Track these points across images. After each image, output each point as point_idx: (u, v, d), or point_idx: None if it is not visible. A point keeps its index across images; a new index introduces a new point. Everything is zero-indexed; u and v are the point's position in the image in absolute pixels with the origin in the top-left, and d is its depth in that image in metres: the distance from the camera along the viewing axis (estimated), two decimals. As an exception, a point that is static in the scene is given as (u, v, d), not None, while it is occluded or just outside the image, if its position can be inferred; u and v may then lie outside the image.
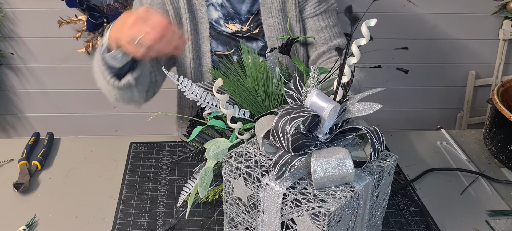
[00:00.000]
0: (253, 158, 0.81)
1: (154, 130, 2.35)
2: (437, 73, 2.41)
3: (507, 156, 1.21)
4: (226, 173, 0.84)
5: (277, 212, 0.76)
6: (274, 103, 0.95)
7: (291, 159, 0.74)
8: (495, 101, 1.24)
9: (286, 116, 0.74)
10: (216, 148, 0.89)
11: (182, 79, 0.89)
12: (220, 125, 0.93)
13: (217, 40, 1.29)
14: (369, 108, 0.79)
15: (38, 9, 2.06)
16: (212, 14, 1.29)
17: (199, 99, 0.90)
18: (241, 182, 0.81)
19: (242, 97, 0.94)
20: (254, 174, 0.78)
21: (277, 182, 0.75)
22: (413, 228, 1.02)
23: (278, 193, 0.75)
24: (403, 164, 1.22)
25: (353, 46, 0.78)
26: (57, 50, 2.16)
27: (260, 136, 0.78)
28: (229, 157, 0.82)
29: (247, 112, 0.93)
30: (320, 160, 0.73)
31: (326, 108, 0.75)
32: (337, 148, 0.75)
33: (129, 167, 1.18)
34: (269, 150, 0.81)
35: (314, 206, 0.71)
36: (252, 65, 0.94)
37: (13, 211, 1.03)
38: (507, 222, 1.05)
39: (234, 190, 0.83)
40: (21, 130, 2.36)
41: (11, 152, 1.20)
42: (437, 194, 1.13)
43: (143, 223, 1.00)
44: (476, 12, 2.25)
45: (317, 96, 0.76)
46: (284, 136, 0.73)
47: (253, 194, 0.80)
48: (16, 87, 2.24)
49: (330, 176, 0.73)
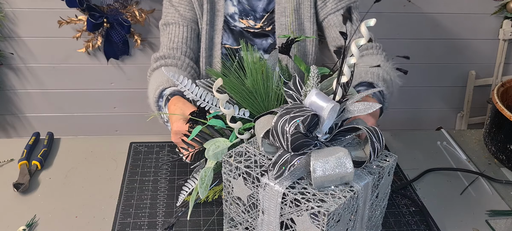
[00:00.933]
0: (253, 157, 0.81)
1: (154, 130, 2.35)
2: (437, 73, 2.41)
3: (507, 156, 1.21)
4: (225, 173, 0.84)
5: (276, 211, 0.76)
6: (274, 103, 0.95)
7: (290, 159, 0.74)
8: (495, 101, 1.24)
9: (285, 115, 0.74)
10: (216, 148, 0.89)
11: (181, 79, 0.89)
12: (220, 125, 0.93)
13: (229, 34, 1.32)
14: (369, 108, 0.79)
15: (38, 9, 2.06)
16: (228, 8, 1.33)
17: (199, 99, 0.90)
18: (241, 182, 0.81)
19: (242, 97, 0.94)
20: (254, 173, 0.78)
21: (276, 181, 0.75)
22: (413, 228, 1.02)
23: (278, 193, 0.75)
24: (403, 164, 1.22)
25: (352, 46, 0.78)
26: (57, 50, 2.16)
27: (260, 135, 0.78)
28: (229, 157, 0.82)
29: (247, 112, 0.93)
30: (319, 159, 0.73)
31: (325, 108, 0.75)
32: (337, 147, 0.75)
33: (129, 167, 1.18)
34: (269, 149, 0.81)
35: (313, 206, 0.71)
36: (252, 65, 0.95)
37: (13, 211, 1.03)
38: (507, 222, 1.05)
39: (234, 189, 0.83)
40: (21, 130, 2.36)
41: (11, 152, 1.21)
42: (437, 194, 1.13)
43: (143, 223, 1.00)
44: (476, 12, 2.25)
45: (317, 96, 0.76)
46: (284, 135, 0.73)
47: (253, 194, 0.80)
48: (16, 87, 2.24)
49: (329, 175, 0.73)
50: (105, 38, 2.09)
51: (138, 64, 2.23)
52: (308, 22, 1.31)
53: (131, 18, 2.06)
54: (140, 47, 2.16)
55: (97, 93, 2.29)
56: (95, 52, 2.18)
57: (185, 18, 1.30)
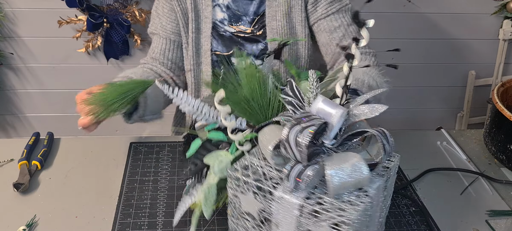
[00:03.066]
0: (260, 169, 0.78)
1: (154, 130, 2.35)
2: (437, 73, 2.41)
3: (507, 156, 1.21)
4: (232, 188, 0.80)
5: (292, 224, 0.74)
6: (272, 110, 0.91)
7: (304, 169, 0.71)
8: (495, 101, 1.24)
9: (296, 126, 0.71)
10: (220, 163, 0.85)
11: (177, 91, 0.85)
12: (221, 138, 0.89)
13: (218, 40, 1.30)
14: (375, 110, 0.77)
15: (38, 9, 2.06)
16: (217, 15, 1.31)
17: (195, 111, 0.87)
18: (250, 197, 0.78)
19: (239, 107, 0.90)
20: (266, 187, 0.75)
21: (292, 193, 0.72)
22: (413, 228, 1.02)
23: (295, 205, 0.72)
24: (403, 164, 1.22)
25: (353, 47, 0.78)
26: (57, 50, 2.16)
27: (268, 147, 0.75)
28: (235, 171, 0.79)
29: (243, 121, 0.89)
30: (334, 167, 0.70)
31: (334, 115, 0.73)
32: (348, 153, 0.73)
33: (129, 167, 1.18)
34: (277, 160, 0.78)
35: (334, 216, 0.69)
36: (248, 73, 0.90)
37: (13, 211, 1.02)
38: (507, 222, 1.05)
39: (242, 204, 0.80)
40: (21, 130, 2.36)
41: (11, 152, 1.20)
42: (437, 194, 1.13)
43: (143, 223, 1.00)
44: (476, 12, 2.25)
45: (324, 102, 0.74)
46: (298, 147, 0.70)
47: (264, 208, 0.76)
48: (16, 87, 2.24)
49: (346, 182, 0.71)
50: (105, 38, 2.09)
51: (138, 64, 2.23)
52: (299, 26, 1.29)
53: (131, 18, 2.06)
54: (140, 47, 2.16)
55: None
56: (95, 52, 2.18)
57: (165, 30, 1.31)
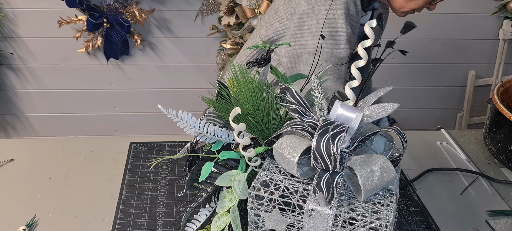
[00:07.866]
0: (281, 184, 0.76)
1: (154, 130, 2.35)
2: (437, 73, 2.41)
3: (507, 156, 1.21)
4: (253, 208, 0.77)
5: None
6: (275, 121, 0.89)
7: (332, 177, 0.71)
8: (495, 101, 1.24)
9: (325, 135, 0.71)
10: (239, 183, 0.82)
11: (181, 115, 0.82)
12: (234, 156, 0.85)
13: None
14: (387, 109, 0.78)
15: (38, 9, 2.06)
16: None
17: (201, 132, 0.83)
18: (277, 214, 0.76)
19: (245, 122, 0.86)
20: (294, 201, 0.74)
21: (325, 204, 0.72)
22: (413, 228, 1.02)
23: (328, 216, 0.72)
24: (403, 164, 1.22)
25: (359, 47, 0.77)
26: (57, 50, 2.16)
27: (293, 159, 0.74)
28: (257, 190, 0.76)
29: (247, 136, 0.85)
30: (364, 171, 0.70)
31: (355, 118, 0.73)
32: (372, 155, 0.73)
33: (129, 167, 1.18)
34: (303, 172, 0.77)
35: (372, 220, 0.69)
36: (252, 86, 0.88)
37: (13, 211, 1.03)
38: (507, 222, 1.05)
39: (266, 223, 0.77)
40: (21, 130, 2.36)
41: (11, 152, 1.21)
42: (437, 194, 1.13)
43: (143, 223, 1.00)
44: (476, 12, 2.25)
45: (342, 107, 0.74)
46: (330, 155, 0.70)
47: (293, 223, 0.75)
48: (16, 87, 2.24)
49: (377, 185, 0.71)
50: (105, 38, 2.09)
51: (138, 64, 2.23)
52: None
53: (131, 18, 2.06)
54: (140, 47, 2.16)
55: (97, 93, 2.29)
56: (95, 52, 2.18)
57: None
